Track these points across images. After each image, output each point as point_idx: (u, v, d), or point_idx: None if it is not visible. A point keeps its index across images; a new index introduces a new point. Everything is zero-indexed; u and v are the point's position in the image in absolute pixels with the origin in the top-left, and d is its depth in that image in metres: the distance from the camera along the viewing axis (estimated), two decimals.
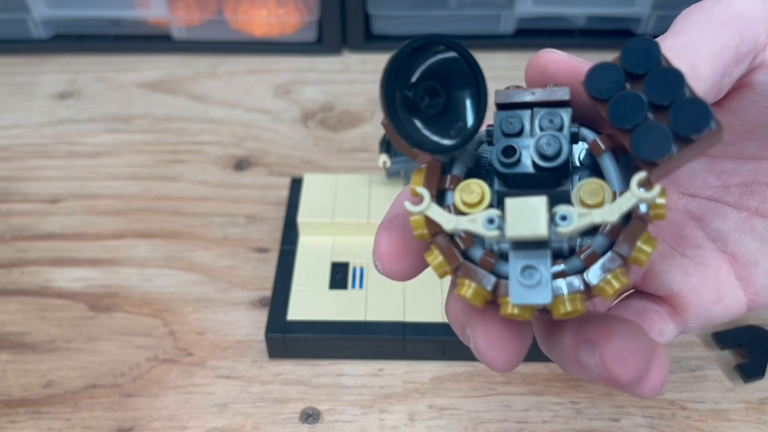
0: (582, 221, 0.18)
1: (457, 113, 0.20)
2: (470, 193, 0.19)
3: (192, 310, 0.42)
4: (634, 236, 0.18)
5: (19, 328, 0.41)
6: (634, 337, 0.19)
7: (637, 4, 0.58)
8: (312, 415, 0.37)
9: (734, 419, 0.37)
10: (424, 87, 0.19)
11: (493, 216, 0.18)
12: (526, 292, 0.18)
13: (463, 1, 0.59)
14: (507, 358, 0.20)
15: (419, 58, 0.19)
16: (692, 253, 0.26)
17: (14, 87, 0.58)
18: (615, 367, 0.19)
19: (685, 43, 0.20)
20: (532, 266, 0.18)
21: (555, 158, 0.19)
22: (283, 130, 0.54)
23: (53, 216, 0.48)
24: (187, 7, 0.59)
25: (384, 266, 0.21)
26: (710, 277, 0.25)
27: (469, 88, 0.19)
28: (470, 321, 0.21)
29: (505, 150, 0.19)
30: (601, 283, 0.18)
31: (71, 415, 0.37)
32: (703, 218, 0.26)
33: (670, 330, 0.25)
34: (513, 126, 0.20)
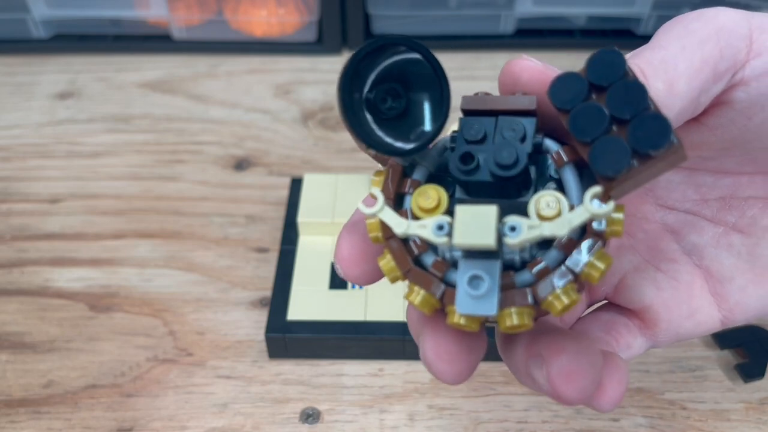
0: (531, 233, 0.17)
1: (418, 117, 0.19)
2: (426, 198, 0.19)
3: (192, 310, 0.42)
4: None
5: (19, 328, 0.41)
6: (583, 355, 0.19)
7: (637, 4, 0.58)
8: (312, 415, 0.37)
9: (734, 419, 0.37)
10: (386, 89, 0.19)
11: (443, 222, 0.18)
12: (472, 303, 0.18)
13: (463, 1, 0.59)
14: (455, 370, 0.20)
15: (380, 58, 0.19)
16: (666, 267, 0.25)
17: (14, 87, 0.58)
18: (560, 385, 0.19)
19: (665, 58, 0.20)
20: (479, 276, 0.18)
21: (511, 168, 0.18)
22: (283, 130, 0.54)
23: (53, 216, 0.48)
24: (187, 7, 0.59)
25: (344, 270, 0.21)
26: (683, 292, 0.25)
27: (432, 92, 0.19)
28: (421, 330, 0.20)
29: (463, 157, 0.19)
30: (549, 298, 0.18)
31: (71, 415, 0.37)
32: (679, 231, 0.26)
33: (639, 344, 0.25)
34: (476, 133, 0.19)
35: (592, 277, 0.18)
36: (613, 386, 0.20)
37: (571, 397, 0.19)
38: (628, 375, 0.21)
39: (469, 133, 0.19)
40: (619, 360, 0.21)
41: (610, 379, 0.20)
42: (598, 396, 0.20)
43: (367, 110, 0.19)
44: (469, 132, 0.19)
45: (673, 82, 0.20)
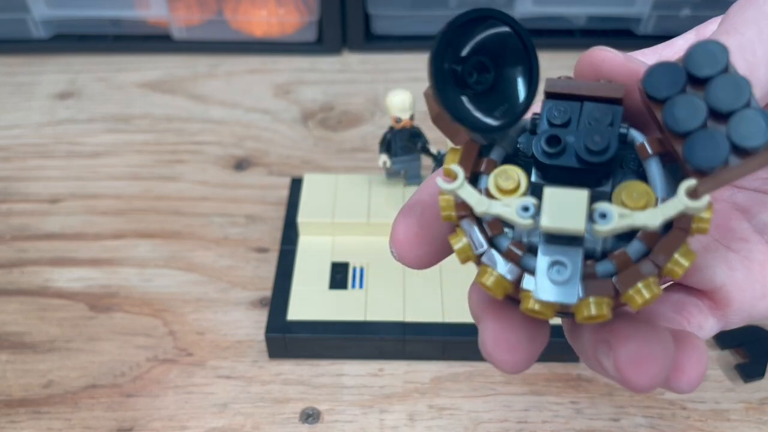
0: (622, 222, 0.17)
1: (506, 93, 0.19)
2: (507, 178, 0.18)
3: (192, 310, 0.42)
4: (672, 246, 0.17)
5: (19, 328, 0.41)
6: (652, 341, 0.18)
7: (637, 4, 0.58)
8: (312, 415, 0.37)
9: (734, 419, 0.37)
10: (474, 62, 0.18)
11: (528, 204, 0.17)
12: (552, 289, 0.17)
13: (463, 1, 0.59)
14: (515, 359, 0.19)
15: (472, 31, 0.18)
16: (738, 246, 0.24)
17: (14, 87, 0.58)
18: (628, 372, 0.18)
19: (742, 44, 0.19)
20: (562, 262, 0.17)
21: (602, 153, 0.18)
22: (283, 130, 0.54)
23: (53, 216, 0.48)
24: (187, 7, 0.59)
25: (399, 253, 0.21)
26: (756, 271, 0.24)
27: (521, 68, 0.18)
28: (483, 316, 0.20)
29: (550, 139, 0.18)
30: (630, 291, 0.17)
31: (71, 415, 0.37)
32: (749, 210, 0.25)
33: (710, 325, 0.24)
34: (561, 116, 0.18)
35: (675, 273, 0.17)
36: (693, 366, 0.20)
37: (641, 384, 0.18)
38: (708, 354, 0.20)
39: (553, 116, 0.18)
40: (696, 339, 0.21)
41: (688, 359, 0.20)
42: (677, 377, 0.19)
43: (456, 84, 0.18)
44: (553, 115, 0.18)
45: (753, 70, 0.19)
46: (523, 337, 0.19)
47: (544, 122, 0.19)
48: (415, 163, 0.44)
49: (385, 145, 0.43)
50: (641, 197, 0.17)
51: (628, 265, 0.17)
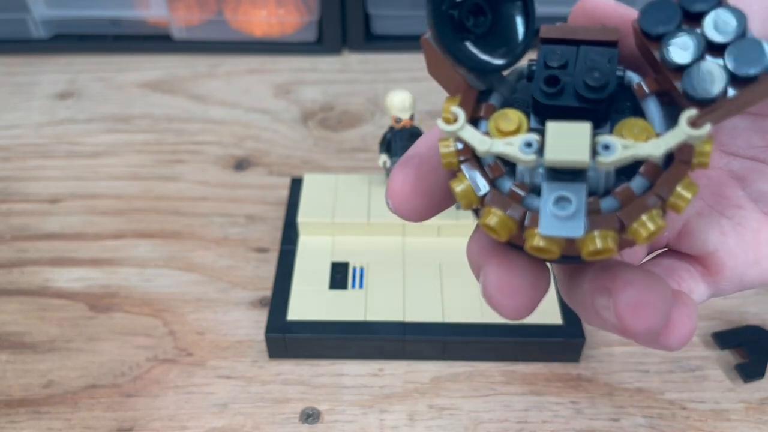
0: (626, 152, 0.17)
1: (504, 34, 0.19)
2: (507, 120, 0.18)
3: (192, 310, 0.42)
4: (674, 179, 0.17)
5: (19, 328, 0.41)
6: (652, 287, 0.18)
7: (637, 3, 0.58)
8: (312, 415, 0.37)
9: (734, 419, 0.37)
10: (470, 5, 0.18)
11: (531, 140, 0.17)
12: (557, 224, 0.17)
13: None
14: (516, 304, 0.19)
15: None
16: (732, 213, 0.24)
17: (14, 87, 0.58)
18: (628, 317, 0.18)
19: None
20: (566, 197, 0.17)
21: (601, 90, 0.18)
22: (283, 130, 0.54)
23: (53, 216, 0.48)
24: (187, 7, 0.59)
25: (395, 204, 0.21)
26: (749, 238, 0.24)
27: (517, 8, 0.19)
28: (485, 262, 0.20)
29: (549, 79, 0.18)
30: (635, 225, 0.17)
31: (71, 415, 0.37)
32: (745, 178, 0.25)
33: (701, 290, 0.24)
34: (559, 59, 0.19)
35: (678, 206, 0.17)
36: (683, 321, 0.20)
37: (640, 329, 0.18)
38: (697, 313, 0.20)
39: (551, 59, 0.19)
40: (687, 297, 0.21)
41: (679, 314, 0.20)
42: (667, 332, 0.20)
43: (454, 27, 0.18)
44: (551, 58, 0.19)
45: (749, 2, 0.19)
46: (526, 281, 0.19)
47: (542, 66, 0.19)
48: None
49: (385, 145, 0.43)
50: (642, 132, 0.17)
51: (632, 200, 0.17)
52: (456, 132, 0.18)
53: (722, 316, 0.42)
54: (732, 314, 0.42)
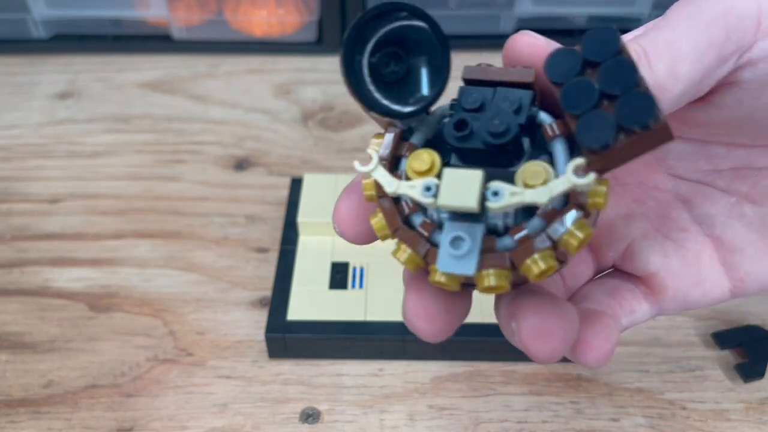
0: (513, 199, 0.18)
1: (419, 82, 0.20)
2: (420, 161, 0.19)
3: (192, 310, 0.42)
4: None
5: (19, 328, 0.41)
6: (555, 315, 0.20)
7: (637, 4, 0.58)
8: (312, 415, 0.37)
9: (734, 419, 0.37)
10: (388, 53, 0.20)
11: (431, 184, 0.19)
12: (452, 262, 0.19)
13: (463, 1, 0.59)
14: (433, 328, 0.21)
15: (383, 23, 0.19)
16: (675, 235, 0.25)
17: (14, 87, 0.58)
18: (530, 343, 0.19)
19: (670, 39, 0.20)
20: (461, 237, 0.19)
21: (502, 136, 0.19)
22: (283, 130, 0.54)
23: (53, 216, 0.48)
24: (187, 7, 0.59)
25: (341, 229, 0.22)
26: (691, 260, 0.25)
27: (434, 58, 0.20)
28: (406, 287, 0.21)
29: (458, 123, 0.19)
30: (527, 262, 0.18)
31: (71, 415, 0.37)
32: (691, 200, 0.26)
33: (644, 310, 0.25)
34: (474, 101, 0.20)
35: (570, 245, 0.18)
36: (600, 342, 0.21)
37: (541, 354, 0.19)
38: (618, 335, 0.22)
39: (467, 101, 0.20)
40: (607, 318, 0.22)
41: (595, 335, 0.21)
42: (583, 351, 0.21)
43: (370, 74, 0.20)
44: (467, 100, 0.20)
45: (675, 65, 0.20)
46: (441, 308, 0.21)
47: (459, 108, 0.20)
48: None
49: None
50: (539, 176, 0.18)
51: (525, 240, 0.19)
52: (369, 173, 0.20)
53: (722, 316, 0.42)
54: (732, 314, 0.42)
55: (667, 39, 0.20)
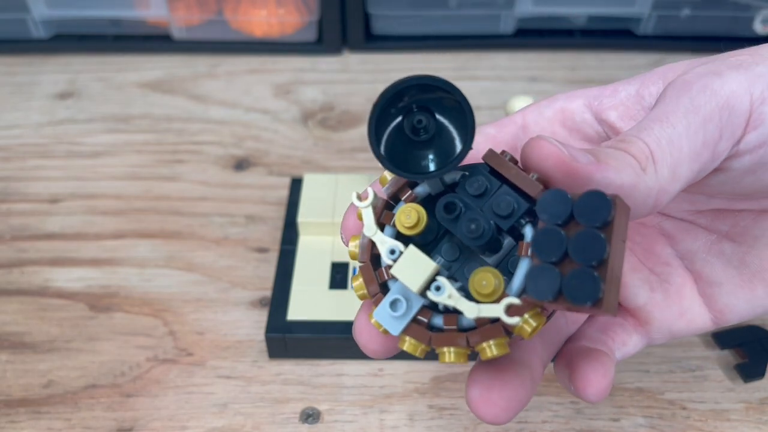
0: (448, 301, 0.20)
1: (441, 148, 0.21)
2: (408, 216, 0.21)
3: (192, 310, 0.42)
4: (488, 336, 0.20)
5: (19, 328, 0.41)
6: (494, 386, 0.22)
7: (637, 4, 0.58)
8: (312, 415, 0.37)
9: (734, 419, 0.37)
10: (416, 116, 0.21)
11: (396, 248, 0.21)
12: (386, 316, 0.21)
13: (463, 1, 0.59)
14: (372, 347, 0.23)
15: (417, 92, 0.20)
16: (659, 270, 0.27)
17: (14, 87, 0.58)
18: (475, 410, 0.22)
19: (672, 138, 0.21)
20: (400, 302, 0.21)
21: (476, 239, 0.20)
22: (283, 130, 0.54)
23: (53, 216, 0.48)
24: (187, 7, 0.59)
25: (347, 239, 0.23)
26: (673, 293, 0.27)
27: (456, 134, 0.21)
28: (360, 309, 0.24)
29: (447, 205, 0.21)
30: (444, 349, 0.21)
31: (71, 415, 0.37)
32: (674, 236, 0.27)
33: (634, 342, 0.26)
34: (476, 189, 0.21)
35: (484, 353, 0.20)
36: (597, 378, 0.22)
37: (487, 419, 0.21)
38: (613, 369, 0.23)
39: (471, 186, 0.21)
40: (602, 355, 0.24)
41: (594, 372, 0.23)
42: (584, 388, 0.22)
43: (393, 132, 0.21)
44: (472, 185, 0.21)
45: (676, 168, 0.21)
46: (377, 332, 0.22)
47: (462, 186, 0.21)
48: None
49: None
50: (488, 287, 0.20)
51: (452, 331, 0.21)
52: (361, 208, 0.21)
53: None
54: None
55: (669, 138, 0.21)
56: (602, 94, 0.26)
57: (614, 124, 0.25)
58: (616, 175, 0.20)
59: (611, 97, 0.25)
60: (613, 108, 0.25)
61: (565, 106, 0.26)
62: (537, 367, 0.24)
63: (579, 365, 0.23)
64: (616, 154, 0.20)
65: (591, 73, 0.59)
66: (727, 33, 0.59)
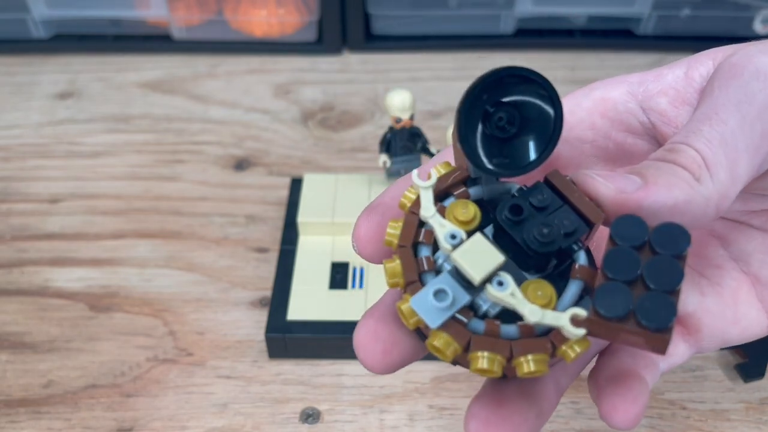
0: (510, 299, 0.18)
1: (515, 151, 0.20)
2: (465, 210, 0.20)
3: (192, 310, 0.42)
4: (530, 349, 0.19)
5: (19, 328, 0.41)
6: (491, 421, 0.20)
7: (637, 4, 0.58)
8: (312, 415, 0.37)
9: (734, 419, 0.37)
10: (507, 110, 0.20)
11: (457, 234, 0.19)
12: (424, 305, 0.19)
13: (463, 1, 0.59)
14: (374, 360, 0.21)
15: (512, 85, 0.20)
16: (711, 273, 0.25)
17: (14, 87, 0.58)
18: None
19: (724, 137, 0.19)
20: (446, 293, 0.19)
21: (544, 245, 0.19)
22: (283, 130, 0.54)
23: (53, 216, 0.48)
24: (187, 7, 0.59)
25: (359, 247, 0.22)
26: (727, 298, 0.24)
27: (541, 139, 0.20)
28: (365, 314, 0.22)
29: (514, 207, 0.20)
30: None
31: (71, 415, 0.37)
32: (726, 237, 0.25)
33: (681, 351, 0.24)
34: (540, 201, 0.20)
35: (520, 369, 0.19)
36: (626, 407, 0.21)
37: None
38: (647, 394, 0.21)
39: (535, 198, 0.20)
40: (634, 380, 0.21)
41: (623, 400, 0.21)
42: (610, 415, 0.21)
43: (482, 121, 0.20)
44: (536, 197, 0.20)
45: (734, 166, 0.19)
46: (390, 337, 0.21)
47: (524, 195, 0.20)
48: (415, 163, 0.44)
49: (385, 145, 0.43)
50: (544, 298, 0.19)
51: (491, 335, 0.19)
52: (422, 187, 0.20)
53: None
54: None
55: (721, 137, 0.19)
56: (645, 80, 0.24)
57: (665, 111, 0.23)
58: (668, 194, 0.18)
59: (657, 82, 0.23)
60: (662, 93, 0.23)
61: (605, 96, 0.24)
62: (549, 397, 0.22)
63: (606, 390, 0.21)
64: (665, 168, 0.19)
65: (591, 73, 0.59)
66: (727, 33, 0.59)
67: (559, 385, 0.23)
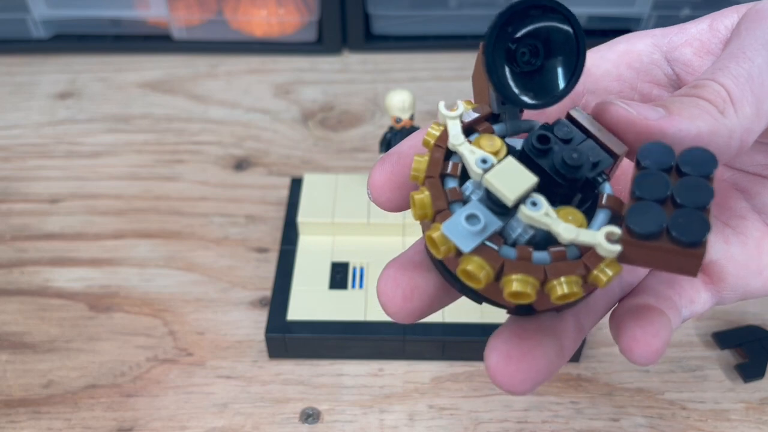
0: (544, 219, 0.18)
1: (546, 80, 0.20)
2: (491, 142, 0.20)
3: (192, 310, 0.42)
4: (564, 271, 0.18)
5: (19, 328, 0.41)
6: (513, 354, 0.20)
7: (637, 4, 0.58)
8: (312, 415, 0.37)
9: (734, 419, 0.37)
10: (528, 44, 0.20)
11: (488, 158, 0.19)
12: (456, 230, 0.18)
13: (463, 1, 0.59)
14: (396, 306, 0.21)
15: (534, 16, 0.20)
16: (735, 223, 0.25)
17: (14, 87, 0.58)
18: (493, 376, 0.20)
19: (751, 73, 0.19)
20: (479, 218, 0.19)
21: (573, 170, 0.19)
22: (283, 130, 0.54)
23: (53, 216, 0.48)
24: (187, 7, 0.59)
25: (373, 194, 0.22)
26: (752, 248, 0.24)
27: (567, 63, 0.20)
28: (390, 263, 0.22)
29: (541, 137, 0.20)
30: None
31: (71, 415, 0.37)
32: (749, 190, 0.25)
33: (703, 299, 0.24)
34: (565, 134, 0.20)
35: (554, 292, 0.18)
36: (647, 339, 0.20)
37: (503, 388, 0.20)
38: (670, 330, 0.21)
39: (560, 130, 0.20)
40: (656, 314, 0.21)
41: (643, 331, 0.20)
42: (630, 348, 0.20)
43: (506, 60, 0.20)
44: (560, 130, 0.20)
45: (760, 104, 0.19)
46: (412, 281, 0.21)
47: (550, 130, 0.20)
48: None
49: (385, 145, 0.43)
50: (576, 221, 0.19)
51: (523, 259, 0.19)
52: (450, 117, 0.20)
53: (722, 316, 0.42)
54: (732, 314, 0.42)
55: (748, 74, 0.19)
56: (669, 33, 0.24)
57: (690, 61, 0.23)
58: (691, 124, 0.18)
59: (681, 34, 0.23)
60: (687, 44, 0.23)
61: (630, 48, 0.24)
62: (571, 335, 0.22)
63: (627, 323, 0.21)
64: (689, 101, 0.19)
65: None
66: None
67: (581, 326, 0.22)
